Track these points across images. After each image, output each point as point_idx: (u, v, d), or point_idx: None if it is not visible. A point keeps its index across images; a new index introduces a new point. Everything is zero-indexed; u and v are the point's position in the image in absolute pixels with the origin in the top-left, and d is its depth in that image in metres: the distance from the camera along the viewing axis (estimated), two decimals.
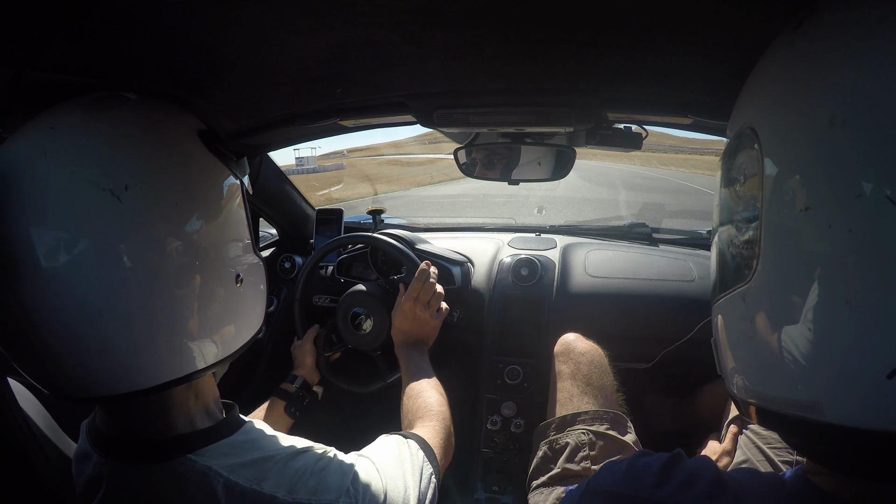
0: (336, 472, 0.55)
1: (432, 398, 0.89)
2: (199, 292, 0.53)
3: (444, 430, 0.81)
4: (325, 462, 0.56)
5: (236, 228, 0.60)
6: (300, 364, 1.23)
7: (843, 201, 0.33)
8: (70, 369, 0.49)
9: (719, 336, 0.48)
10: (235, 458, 0.53)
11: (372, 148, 38.62)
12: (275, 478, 0.52)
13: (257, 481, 0.51)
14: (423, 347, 1.06)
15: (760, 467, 0.79)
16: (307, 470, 0.54)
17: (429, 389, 0.92)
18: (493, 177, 1.15)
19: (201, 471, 0.51)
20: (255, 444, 0.55)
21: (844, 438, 0.34)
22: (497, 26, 0.57)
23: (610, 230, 1.62)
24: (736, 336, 0.44)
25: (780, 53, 0.41)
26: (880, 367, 0.31)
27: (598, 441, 0.94)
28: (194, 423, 0.55)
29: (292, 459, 0.54)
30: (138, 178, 0.49)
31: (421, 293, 1.08)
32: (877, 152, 0.32)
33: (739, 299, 0.42)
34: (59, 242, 0.46)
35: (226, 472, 0.51)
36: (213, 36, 0.57)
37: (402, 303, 1.09)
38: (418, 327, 1.07)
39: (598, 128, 0.97)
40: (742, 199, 0.42)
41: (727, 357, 0.46)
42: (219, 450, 0.53)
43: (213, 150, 0.58)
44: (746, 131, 0.41)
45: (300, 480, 0.53)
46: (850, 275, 0.33)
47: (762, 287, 0.39)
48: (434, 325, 1.09)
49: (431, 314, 1.08)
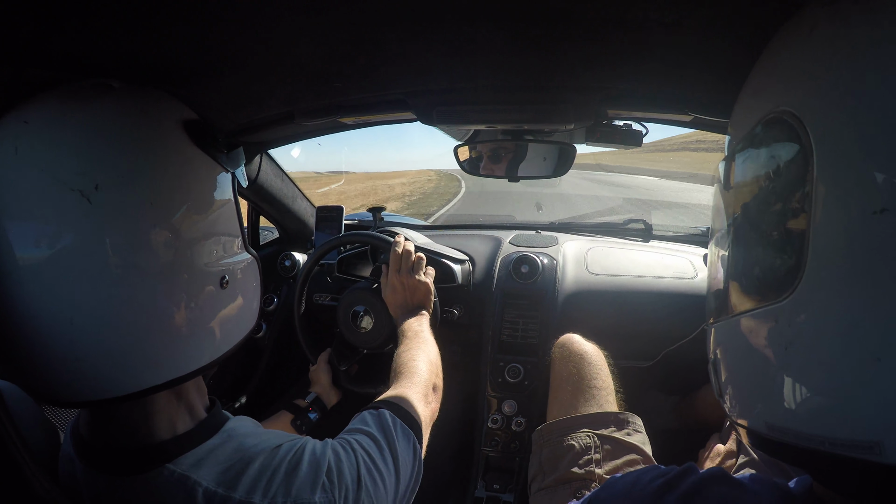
0: (309, 467, 0.54)
1: (412, 356, 0.87)
2: (178, 296, 0.51)
3: (420, 388, 0.79)
4: (298, 457, 0.55)
5: (223, 226, 0.57)
6: (315, 382, 1.23)
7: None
8: (48, 376, 0.48)
9: (728, 360, 0.42)
10: (213, 464, 0.52)
11: None
12: (251, 481, 0.51)
13: (233, 487, 0.51)
14: (419, 312, 1.06)
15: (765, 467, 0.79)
16: (281, 468, 0.53)
17: (412, 349, 0.91)
18: (497, 174, 1.15)
19: (180, 480, 0.50)
20: (236, 443, 0.54)
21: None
22: (497, 23, 0.57)
23: (610, 227, 1.61)
24: (759, 363, 0.37)
25: (828, 29, 0.34)
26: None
27: (603, 444, 0.94)
28: (175, 427, 0.53)
29: (267, 457, 0.53)
30: (110, 177, 0.46)
31: (402, 262, 1.09)
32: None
33: (768, 320, 0.35)
34: (27, 245, 0.44)
35: (204, 481, 0.50)
36: (211, 32, 0.57)
37: (389, 278, 1.10)
38: (410, 294, 1.08)
39: (597, 125, 0.97)
40: (775, 200, 0.36)
41: (741, 386, 0.40)
42: (198, 455, 0.52)
43: (200, 142, 0.55)
44: (783, 118, 0.35)
45: (275, 481, 0.52)
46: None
47: (808, 305, 0.32)
48: (426, 287, 1.09)
49: (418, 276, 1.08)
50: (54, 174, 0.45)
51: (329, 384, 1.23)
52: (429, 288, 1.09)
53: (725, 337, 0.42)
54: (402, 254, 1.09)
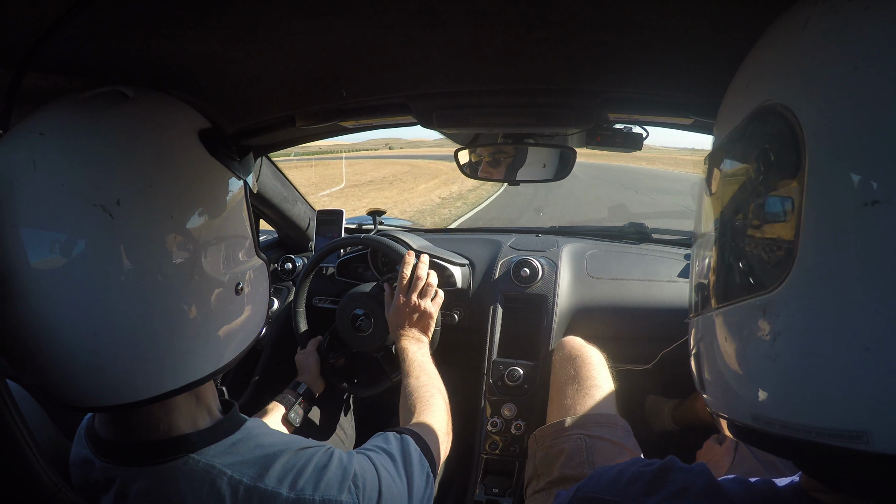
0: (337, 469, 0.55)
1: (429, 393, 0.88)
2: (198, 303, 0.51)
3: (440, 425, 0.81)
4: (326, 459, 0.56)
5: (238, 232, 0.58)
6: (304, 370, 1.22)
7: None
8: (68, 383, 0.48)
9: (711, 352, 0.42)
10: (237, 455, 0.52)
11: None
12: (277, 474, 0.52)
13: (260, 478, 0.51)
14: (422, 340, 1.05)
15: (761, 468, 0.79)
16: (309, 466, 0.54)
17: (427, 384, 0.91)
18: (496, 177, 1.15)
19: (204, 469, 0.51)
20: (256, 441, 0.55)
21: (889, 467, 0.30)
22: (497, 27, 0.57)
23: (610, 231, 1.62)
24: (746, 355, 0.37)
25: (822, 23, 0.34)
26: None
27: (596, 445, 0.94)
28: (196, 424, 0.55)
29: (293, 456, 0.54)
30: (131, 191, 0.47)
31: (412, 283, 1.07)
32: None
33: (755, 311, 0.35)
34: (49, 258, 0.44)
35: (229, 470, 0.51)
36: (212, 37, 0.57)
37: (395, 298, 1.08)
38: (415, 319, 1.07)
39: (598, 128, 0.97)
40: (764, 192, 0.35)
41: (724, 378, 0.40)
42: (221, 448, 0.53)
43: (214, 151, 0.55)
44: (775, 111, 0.35)
45: (302, 477, 0.53)
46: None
47: (797, 297, 0.32)
48: (430, 313, 1.07)
49: (425, 302, 1.07)
50: (75, 189, 0.45)
51: (317, 373, 1.22)
52: (433, 317, 1.08)
53: (708, 330, 0.42)
54: (414, 275, 1.07)
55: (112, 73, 0.60)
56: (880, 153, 0.29)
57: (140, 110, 0.52)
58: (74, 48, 0.54)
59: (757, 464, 0.83)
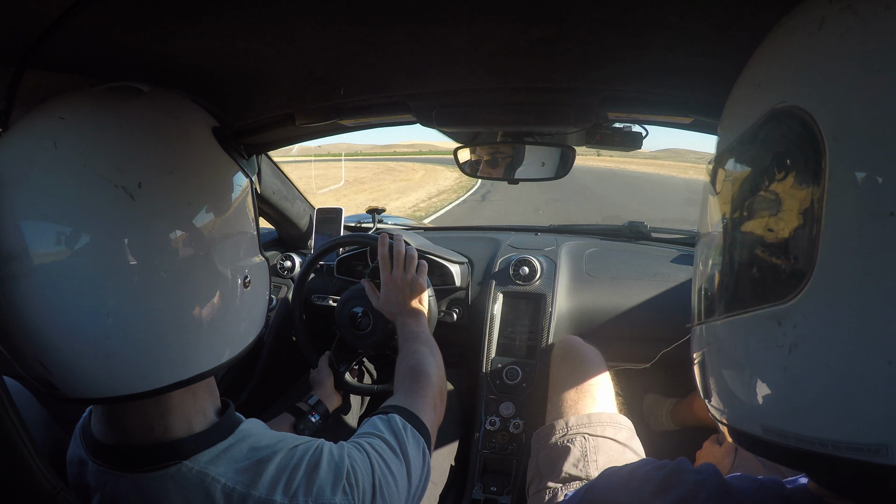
0: (329, 468, 0.55)
1: (419, 362, 0.87)
2: (208, 294, 0.52)
3: (429, 393, 0.80)
4: (317, 457, 0.56)
5: (246, 228, 0.59)
6: (317, 385, 1.22)
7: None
8: (72, 371, 0.47)
9: (719, 362, 0.41)
10: (231, 462, 0.52)
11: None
12: (271, 479, 0.52)
13: (254, 485, 0.51)
14: (416, 312, 1.05)
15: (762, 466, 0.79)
16: (301, 468, 0.54)
17: (417, 350, 0.90)
18: (496, 176, 1.15)
19: (198, 477, 0.50)
20: (250, 444, 0.54)
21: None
22: (496, 24, 0.57)
23: (608, 229, 1.62)
24: (758, 366, 0.36)
25: (840, 23, 0.33)
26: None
27: (601, 446, 0.94)
28: (191, 426, 0.54)
29: (286, 455, 0.54)
30: (152, 176, 0.47)
31: (392, 262, 1.06)
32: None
33: (769, 322, 0.34)
34: (64, 239, 0.44)
35: (223, 478, 0.50)
36: (213, 35, 0.57)
37: (382, 280, 1.07)
38: (407, 293, 1.06)
39: (597, 127, 0.97)
40: (780, 197, 0.34)
41: (733, 388, 0.39)
42: (214, 453, 0.52)
43: (226, 147, 0.57)
44: (791, 113, 0.33)
45: (295, 479, 0.53)
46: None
47: (816, 308, 0.31)
48: (419, 284, 1.06)
49: (410, 273, 1.06)
50: (97, 170, 0.45)
51: (331, 387, 1.21)
52: (422, 285, 1.07)
53: (716, 338, 0.41)
54: (392, 253, 1.07)
55: (113, 71, 0.60)
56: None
57: (157, 103, 0.53)
58: (75, 45, 0.53)
59: (758, 464, 0.83)
